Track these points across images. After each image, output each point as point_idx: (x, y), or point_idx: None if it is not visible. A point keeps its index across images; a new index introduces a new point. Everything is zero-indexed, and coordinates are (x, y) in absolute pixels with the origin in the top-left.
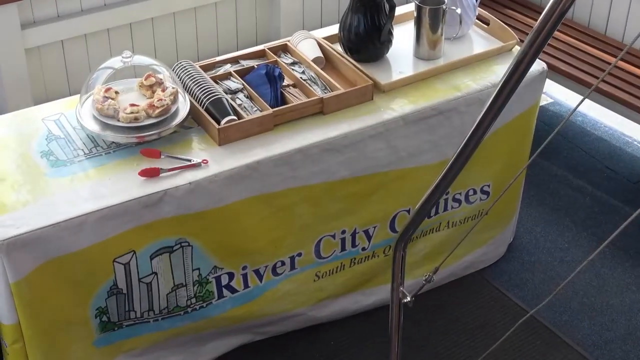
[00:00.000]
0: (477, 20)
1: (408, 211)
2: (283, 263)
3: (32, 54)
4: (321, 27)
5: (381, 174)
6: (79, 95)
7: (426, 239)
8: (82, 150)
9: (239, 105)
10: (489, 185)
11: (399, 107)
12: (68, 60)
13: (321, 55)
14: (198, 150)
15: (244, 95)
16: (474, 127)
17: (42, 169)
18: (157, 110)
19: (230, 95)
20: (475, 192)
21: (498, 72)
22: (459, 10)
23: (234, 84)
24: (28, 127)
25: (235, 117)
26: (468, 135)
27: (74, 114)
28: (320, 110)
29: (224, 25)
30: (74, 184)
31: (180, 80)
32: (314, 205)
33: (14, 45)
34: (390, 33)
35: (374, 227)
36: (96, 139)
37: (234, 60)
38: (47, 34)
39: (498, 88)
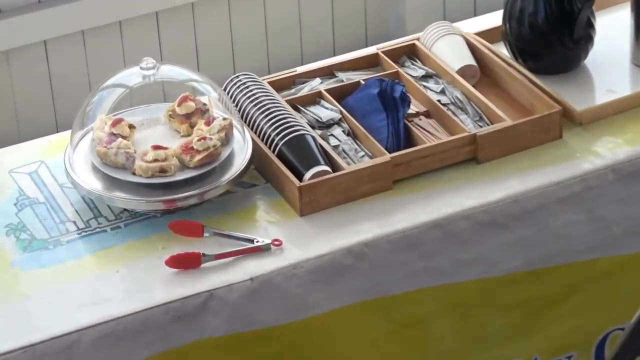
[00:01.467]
0: None
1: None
2: None
3: None
4: (474, 16)
5: (579, 265)
6: (69, 131)
7: None
8: (74, 223)
9: (335, 147)
10: None
11: (607, 150)
12: (53, 73)
13: (473, 63)
14: (265, 223)
15: (343, 131)
16: None
17: (8, 255)
18: (198, 157)
19: (320, 131)
20: None
21: None
22: None
23: (327, 111)
24: None
25: (328, 168)
26: None
27: (62, 163)
28: (472, 155)
29: (311, 14)
30: (59, 281)
31: (236, 105)
32: (463, 319)
33: None
34: (590, 25)
35: (569, 359)
36: (97, 204)
37: (327, 72)
38: (21, 28)
39: None
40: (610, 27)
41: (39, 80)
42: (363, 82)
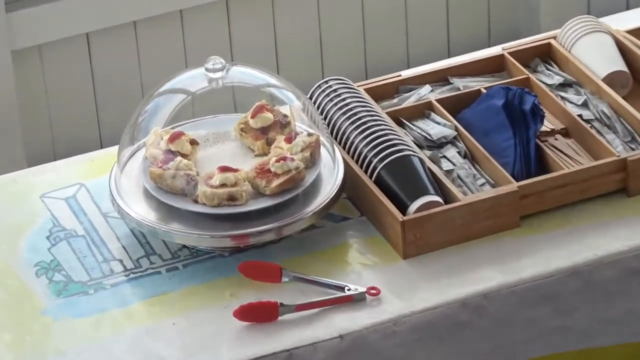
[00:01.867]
0: None
1: None
2: None
3: (24, 60)
4: (626, 9)
5: None
6: (116, 147)
7: None
8: (121, 262)
9: (448, 172)
10: None
11: None
12: (97, 73)
13: (625, 69)
14: (359, 266)
15: (459, 152)
16: None
17: (39, 301)
18: (277, 182)
19: (429, 152)
20: None
21: None
22: None
23: (438, 127)
24: (12, 212)
25: (439, 199)
26: None
27: (106, 187)
28: (621, 185)
29: (420, 5)
30: (100, 334)
31: (325, 118)
32: None
33: None
34: None
35: None
36: (150, 239)
37: (439, 78)
38: (58, 18)
39: None
40: None
41: (79, 83)
42: (484, 91)
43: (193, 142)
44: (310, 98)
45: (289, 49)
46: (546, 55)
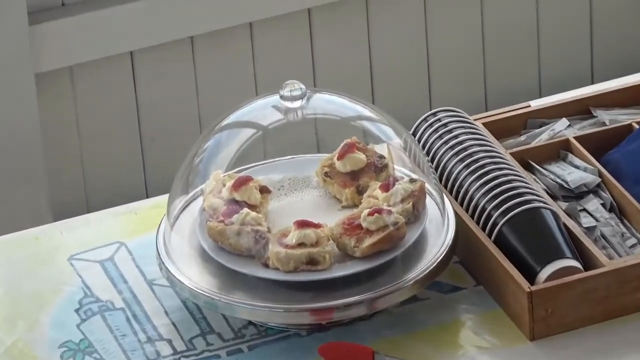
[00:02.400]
0: None
1: None
2: None
3: (51, 85)
4: None
5: None
6: (165, 196)
7: None
8: (169, 343)
9: (589, 230)
10: None
11: None
12: (142, 105)
13: None
14: (473, 350)
15: (603, 204)
16: None
17: None
18: (370, 241)
19: (566, 204)
20: None
21: None
22: None
23: (578, 172)
24: (33, 278)
25: (577, 264)
26: None
27: (152, 247)
28: None
29: (553, 17)
30: None
31: (432, 160)
32: None
33: (15, 66)
34: None
35: None
36: (206, 313)
37: (580, 110)
38: (89, 39)
39: None
40: None
41: (120, 114)
42: (637, 127)
43: (264, 190)
44: (414, 135)
45: (387, 73)
46: None
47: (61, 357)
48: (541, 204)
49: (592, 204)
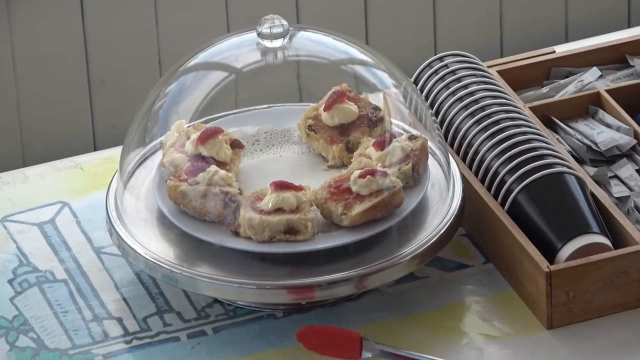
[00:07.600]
0: None
1: None
2: None
3: None
4: None
5: None
6: (118, 149)
7: None
8: (119, 322)
9: (621, 200)
10: None
11: None
12: (91, 37)
13: None
14: (480, 338)
15: (638, 171)
16: None
17: None
18: (361, 208)
19: (594, 169)
20: None
21: None
22: None
23: (608, 132)
24: None
25: (606, 241)
26: None
27: (102, 208)
28: None
29: None
30: None
31: (438, 114)
32: None
33: None
34: None
35: None
36: (165, 289)
37: (613, 57)
38: None
39: None
40: None
41: (66, 44)
42: None
43: (235, 145)
44: (415, 83)
45: (385, 8)
46: None
47: None
48: (565, 169)
49: (626, 169)
